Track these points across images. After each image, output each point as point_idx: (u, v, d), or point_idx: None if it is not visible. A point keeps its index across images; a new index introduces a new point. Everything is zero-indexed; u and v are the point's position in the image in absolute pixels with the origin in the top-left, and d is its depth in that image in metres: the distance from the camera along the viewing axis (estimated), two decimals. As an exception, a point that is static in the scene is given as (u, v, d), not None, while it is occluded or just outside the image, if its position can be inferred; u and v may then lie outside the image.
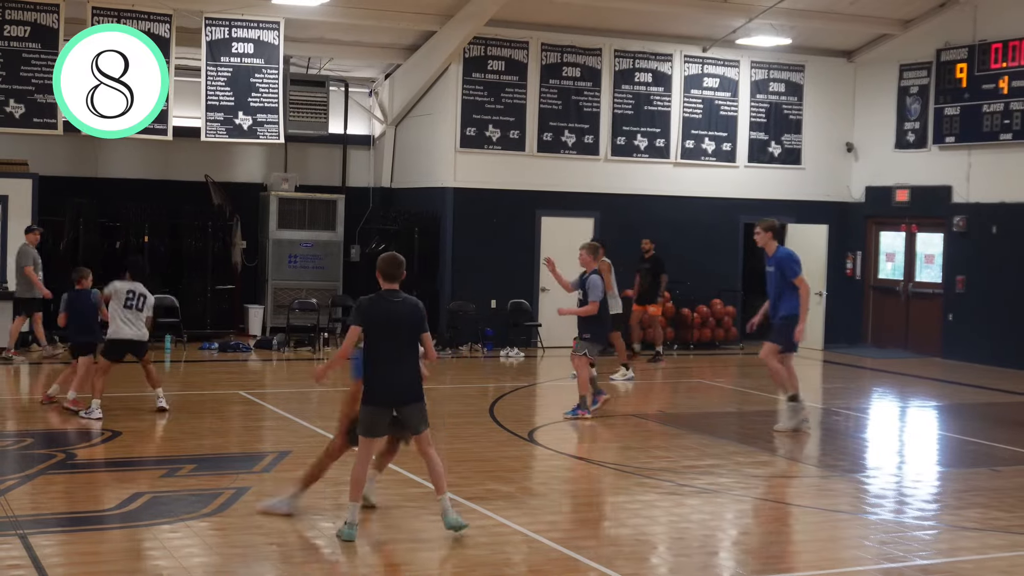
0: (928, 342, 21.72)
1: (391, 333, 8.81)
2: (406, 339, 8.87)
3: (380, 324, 8.80)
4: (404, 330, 8.85)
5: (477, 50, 20.64)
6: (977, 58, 20.76)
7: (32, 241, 17.90)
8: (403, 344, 8.85)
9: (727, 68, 22.37)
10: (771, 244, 13.90)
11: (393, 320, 8.82)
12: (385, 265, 8.96)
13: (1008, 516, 10.11)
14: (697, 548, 9.08)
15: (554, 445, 12.77)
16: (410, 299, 8.99)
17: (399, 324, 8.83)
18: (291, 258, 20.96)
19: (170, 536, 8.76)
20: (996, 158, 20.50)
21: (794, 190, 22.94)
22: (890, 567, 8.57)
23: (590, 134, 21.44)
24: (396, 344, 8.82)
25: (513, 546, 8.92)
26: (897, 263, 22.74)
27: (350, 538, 8.68)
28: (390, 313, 8.82)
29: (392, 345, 8.80)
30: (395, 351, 8.81)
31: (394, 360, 8.81)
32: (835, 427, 15.02)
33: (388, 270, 8.94)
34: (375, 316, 8.80)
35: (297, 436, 12.84)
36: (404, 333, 8.85)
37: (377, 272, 8.99)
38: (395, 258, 9.04)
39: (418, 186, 21.68)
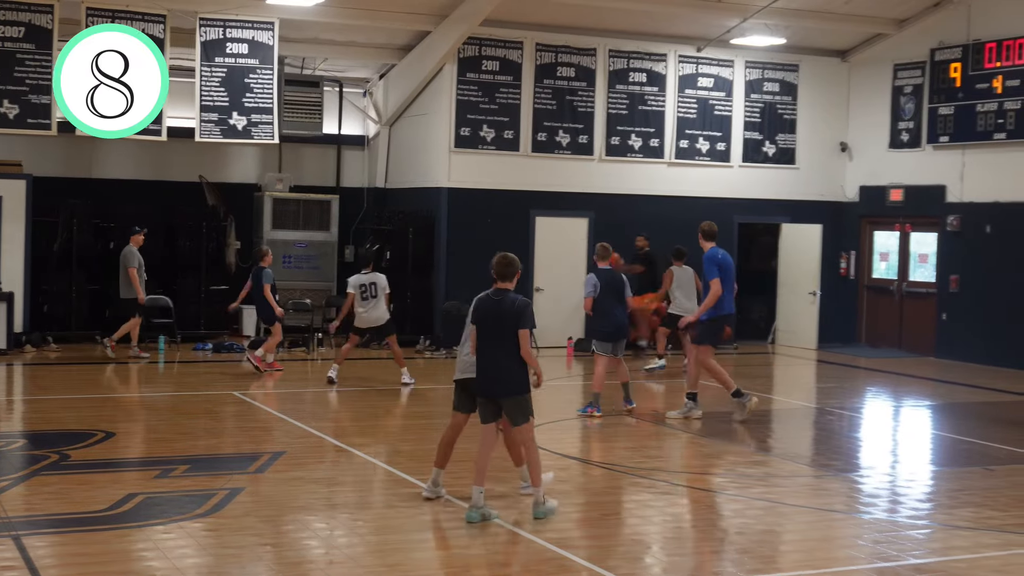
0: (922, 341, 21.74)
1: (490, 329, 9.44)
2: (507, 335, 9.40)
3: (482, 320, 9.48)
4: (506, 326, 9.41)
5: (471, 50, 20.64)
6: (971, 57, 20.79)
7: (136, 243, 18.48)
8: (504, 339, 9.40)
9: (721, 68, 22.38)
10: (704, 246, 14.49)
11: (493, 316, 9.43)
12: (497, 265, 9.59)
13: (1002, 515, 10.12)
14: (691, 548, 9.09)
15: (548, 445, 12.75)
16: (512, 297, 9.55)
17: (501, 321, 9.40)
18: (285, 258, 20.94)
19: (163, 537, 8.75)
20: (990, 158, 20.52)
21: (788, 190, 22.95)
22: (884, 566, 8.58)
23: (584, 134, 21.45)
24: (498, 340, 9.41)
25: (507, 546, 8.92)
26: (891, 262, 22.76)
27: (471, 519, 9.25)
28: (491, 310, 9.45)
29: (494, 341, 9.44)
30: (497, 346, 9.41)
31: (494, 354, 9.42)
32: (829, 426, 15.04)
33: (500, 270, 9.56)
34: (482, 313, 9.50)
35: (291, 437, 12.84)
36: (506, 329, 9.41)
37: (492, 271, 9.60)
38: (506, 258, 9.64)
39: (413, 186, 21.68)
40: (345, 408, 15.18)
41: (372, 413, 14.70)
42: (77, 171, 20.88)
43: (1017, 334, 19.93)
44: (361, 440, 12.74)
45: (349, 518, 9.62)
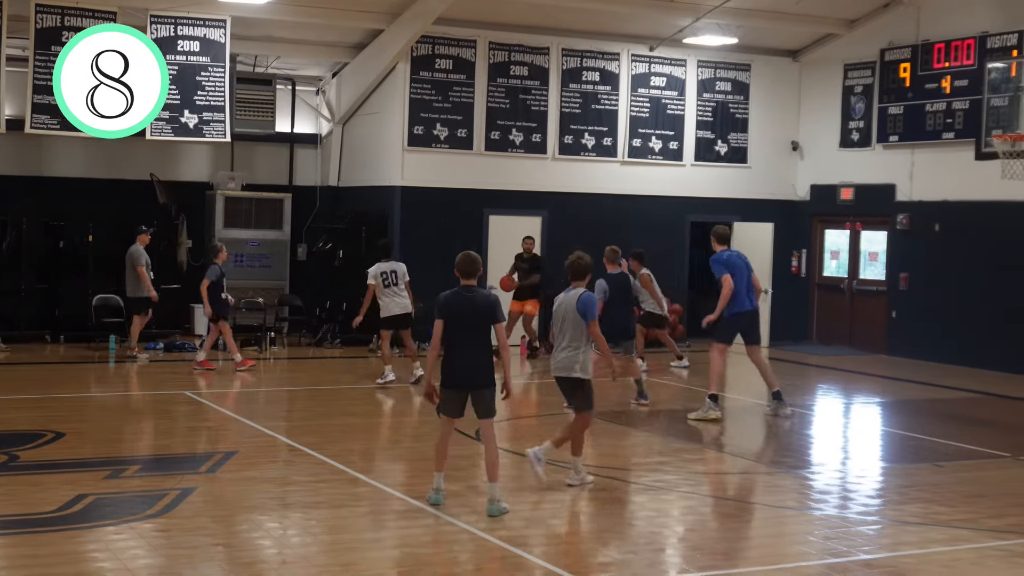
0: (872, 339, 21.93)
1: (466, 324, 9.61)
2: (482, 329, 9.66)
3: (456, 316, 9.61)
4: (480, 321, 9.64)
5: (425, 49, 20.62)
6: (920, 58, 20.99)
7: (143, 242, 18.64)
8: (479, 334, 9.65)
9: (674, 67, 22.47)
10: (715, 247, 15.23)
11: (468, 312, 9.60)
12: (461, 263, 9.77)
13: (950, 511, 10.23)
14: (644, 545, 9.12)
15: (502, 444, 12.75)
16: (484, 292, 9.85)
17: (473, 315, 9.60)
18: (237, 257, 20.82)
19: (115, 538, 8.69)
20: (939, 157, 20.72)
21: (740, 188, 23.09)
22: (834, 562, 8.64)
23: (538, 133, 21.48)
24: (473, 334, 9.63)
25: (460, 544, 8.92)
26: (842, 261, 22.94)
27: (435, 502, 9.63)
28: (465, 306, 9.61)
29: (465, 335, 9.62)
30: (472, 340, 9.64)
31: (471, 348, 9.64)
32: (780, 424, 15.13)
33: (465, 267, 9.75)
34: (456, 309, 9.62)
35: (243, 436, 12.78)
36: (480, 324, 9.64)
37: (455, 270, 9.79)
38: (469, 256, 9.84)
39: (366, 185, 21.63)
40: (296, 408, 15.12)
41: (324, 412, 14.65)
42: (27, 169, 20.66)
43: (966, 331, 20.14)
44: (313, 439, 12.69)
45: (302, 517, 9.59)
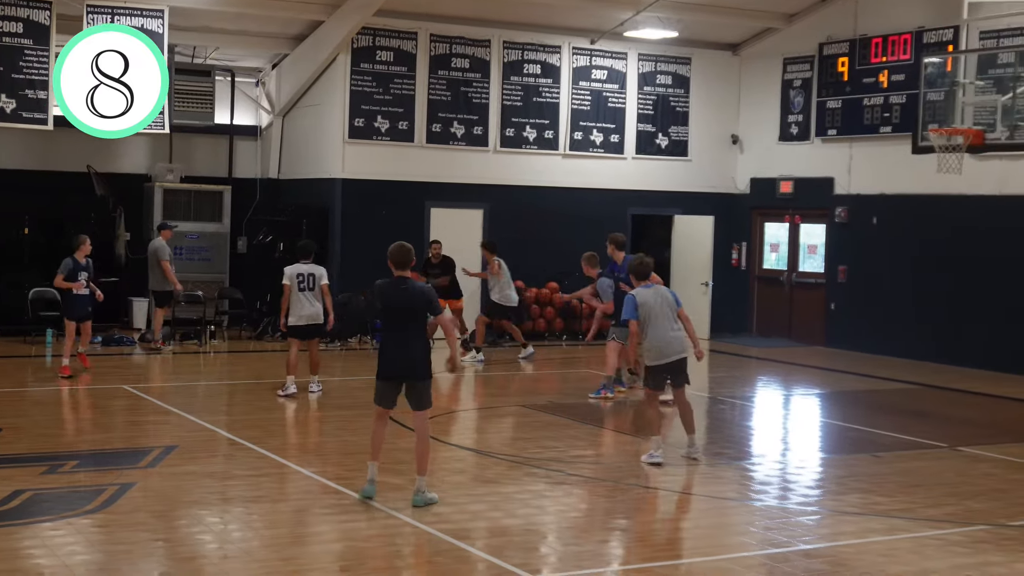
0: (811, 331, 22.12)
1: (400, 316, 9.58)
2: (418, 321, 9.65)
3: (390, 307, 9.61)
4: (415, 313, 9.62)
5: (365, 40, 20.52)
6: (858, 52, 21.18)
7: (166, 237, 18.93)
8: (414, 325, 9.63)
9: (615, 60, 22.53)
10: (619, 254, 15.31)
11: (402, 303, 9.58)
12: (395, 254, 9.72)
13: (888, 500, 10.35)
14: (586, 536, 9.14)
15: (443, 436, 12.76)
16: (417, 284, 9.80)
17: (408, 307, 9.58)
18: (177, 250, 20.63)
19: (52, 534, 8.58)
20: (876, 150, 20.93)
21: (681, 181, 23.19)
22: (775, 552, 8.72)
23: (479, 125, 21.45)
24: (407, 325, 9.60)
25: (403, 538, 8.90)
26: (781, 253, 23.12)
27: (367, 495, 9.63)
28: (399, 297, 9.52)
29: (399, 327, 9.59)
30: (406, 332, 9.59)
31: (405, 339, 9.58)
32: (721, 415, 15.24)
33: (398, 258, 9.70)
34: (387, 299, 9.62)
35: (183, 430, 12.67)
36: (415, 315, 9.62)
37: (389, 261, 9.74)
38: (403, 247, 9.79)
39: (306, 177, 21.51)
40: (237, 402, 15.02)
41: (264, 406, 14.56)
42: (-40, 161, 20.39)
43: (902, 323, 20.36)
44: (254, 433, 12.61)
45: (243, 512, 9.53)
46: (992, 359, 18.51)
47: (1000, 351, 18.59)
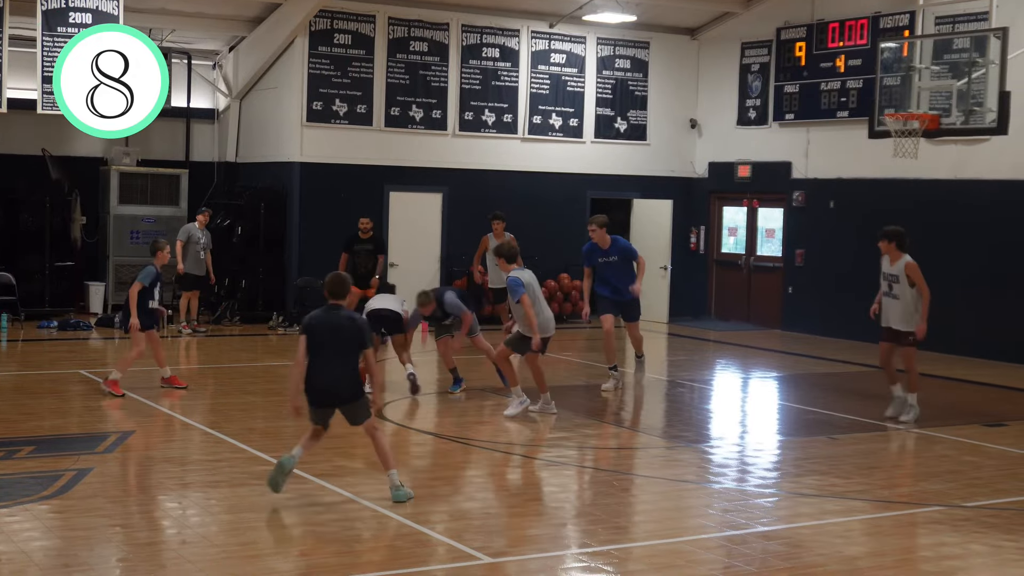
0: (769, 314, 22.25)
1: (328, 345, 9.26)
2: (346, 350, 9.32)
3: (319, 336, 9.28)
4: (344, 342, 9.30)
5: (323, 23, 20.42)
6: (815, 37, 21.28)
7: (201, 223, 19.19)
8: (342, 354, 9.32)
9: (574, 44, 22.53)
10: (606, 238, 14.70)
11: (331, 333, 9.28)
12: (331, 284, 9.47)
13: (844, 482, 10.43)
14: (546, 520, 9.17)
15: (403, 420, 12.76)
16: (348, 314, 9.48)
17: (336, 338, 9.28)
18: (133, 234, 20.52)
19: (8, 520, 8.52)
20: (833, 135, 21.05)
21: (639, 165, 23.24)
22: (733, 534, 8.77)
23: (438, 109, 21.41)
24: (335, 354, 9.28)
25: (363, 522, 8.89)
26: (739, 237, 23.23)
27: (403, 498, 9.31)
28: (328, 327, 9.29)
29: (327, 356, 9.26)
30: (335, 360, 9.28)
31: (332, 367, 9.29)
32: (680, 398, 15.31)
33: (334, 288, 9.45)
34: (316, 328, 9.31)
35: (140, 415, 12.60)
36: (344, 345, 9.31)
37: (324, 290, 9.50)
38: (339, 277, 9.57)
39: (264, 161, 21.40)
40: (195, 386, 14.93)
41: (222, 391, 14.51)
42: (-90, 143, 20.15)
43: (858, 307, 20.44)
44: (212, 418, 12.56)
45: (202, 497, 9.48)
46: (947, 342, 18.67)
47: (956, 334, 18.75)
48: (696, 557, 8.26)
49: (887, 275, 13.10)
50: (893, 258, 13.01)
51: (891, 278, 13.03)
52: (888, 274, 13.08)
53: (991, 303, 18.67)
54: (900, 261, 12.94)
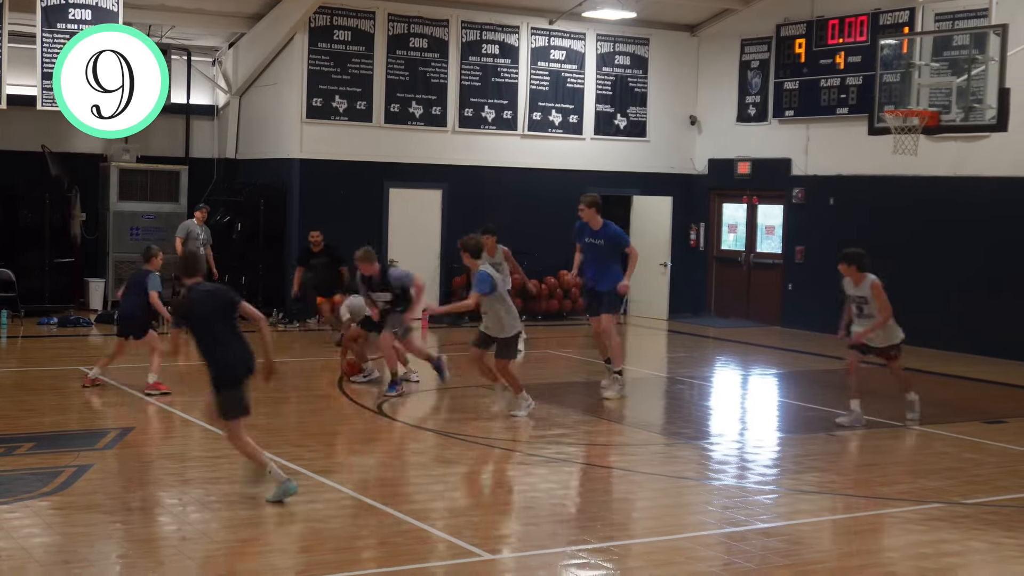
0: (769, 311, 22.24)
1: (218, 319, 9.05)
2: (219, 326, 9.08)
3: (204, 315, 9.04)
4: (218, 317, 9.07)
5: (323, 19, 20.42)
6: (815, 34, 21.27)
7: (199, 219, 19.26)
8: (219, 330, 9.08)
9: (573, 41, 22.52)
10: (596, 219, 14.10)
11: (211, 307, 9.07)
12: (184, 263, 9.42)
13: (844, 479, 10.44)
14: (545, 517, 9.17)
15: (403, 417, 12.77)
16: (209, 287, 9.30)
17: (218, 308, 9.08)
18: (133, 230, 20.52)
19: (8, 516, 8.52)
20: (833, 132, 21.04)
21: (639, 162, 23.23)
22: (733, 531, 8.78)
23: (438, 105, 21.40)
24: (213, 331, 9.04)
25: (362, 518, 8.89)
26: (739, 234, 23.22)
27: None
28: (208, 302, 9.09)
29: (221, 330, 9.04)
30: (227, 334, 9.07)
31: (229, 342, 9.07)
32: (679, 395, 15.31)
33: (187, 268, 9.33)
34: (198, 309, 9.05)
35: (140, 412, 12.61)
36: (218, 321, 9.07)
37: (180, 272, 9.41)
38: (193, 256, 9.51)
39: (264, 157, 21.40)
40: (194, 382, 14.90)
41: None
42: (-90, 139, 20.15)
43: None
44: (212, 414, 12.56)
45: (202, 493, 9.48)
46: (946, 339, 18.67)
47: (954, 331, 18.76)
48: (696, 554, 8.26)
49: (854, 298, 12.83)
50: (856, 280, 12.76)
51: (859, 300, 12.80)
52: (855, 296, 12.82)
53: (990, 300, 18.65)
54: (865, 282, 12.72)
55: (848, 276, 12.89)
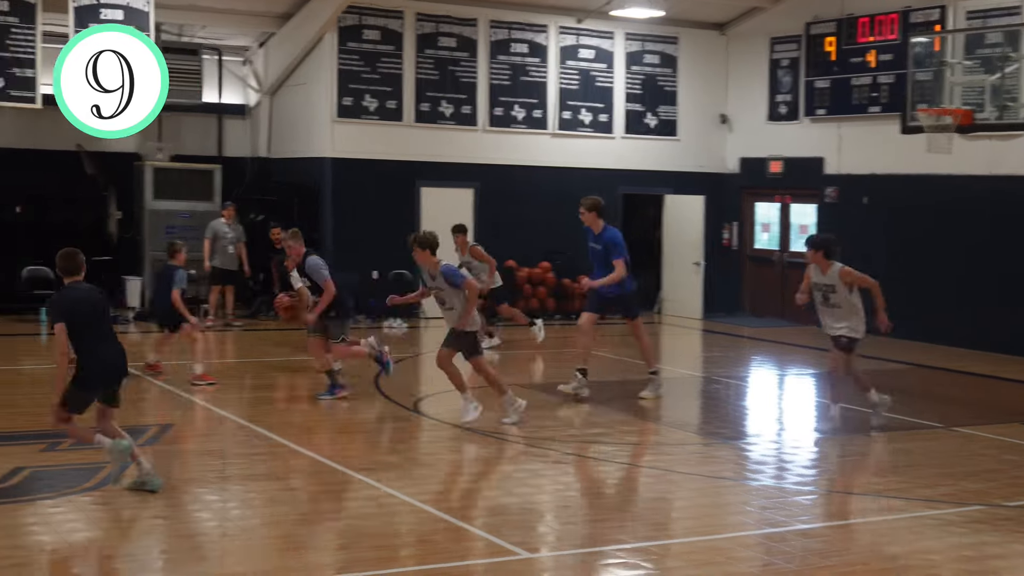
0: (804, 311, 22.07)
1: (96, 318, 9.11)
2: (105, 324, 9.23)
3: (83, 315, 9.00)
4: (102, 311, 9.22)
5: (352, 19, 20.47)
6: (845, 32, 21.19)
7: (227, 217, 19.62)
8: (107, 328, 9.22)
9: (602, 39, 22.50)
10: (597, 223, 13.93)
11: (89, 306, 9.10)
12: (61, 260, 9.30)
13: (883, 481, 10.41)
14: (583, 516, 9.18)
15: (439, 415, 12.78)
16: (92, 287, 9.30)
17: (95, 307, 9.14)
18: (169, 229, 20.57)
19: (52, 511, 8.59)
20: (865, 130, 20.95)
21: (670, 161, 23.19)
22: (772, 532, 8.75)
23: (467, 104, 21.42)
24: (101, 330, 9.13)
25: (401, 516, 8.91)
26: (772, 233, 23.15)
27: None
28: (86, 301, 9.10)
29: (97, 332, 9.06)
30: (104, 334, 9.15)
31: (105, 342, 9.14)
32: (716, 395, 15.29)
33: (65, 265, 9.27)
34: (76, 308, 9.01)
35: (179, 409, 12.67)
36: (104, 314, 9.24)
37: (58, 270, 9.31)
38: (69, 251, 9.35)
39: (296, 156, 21.46)
40: (232, 380, 14.99)
41: (260, 385, 14.56)
42: (-48, 140, 20.29)
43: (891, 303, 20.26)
44: (250, 412, 12.61)
45: (242, 490, 9.53)
46: (983, 339, 18.57)
47: (991, 331, 18.65)
48: (735, 554, 8.24)
49: (820, 285, 12.47)
50: (823, 268, 12.40)
51: (826, 288, 12.44)
52: (822, 284, 12.46)
53: (1025, 300, 18.54)
54: (832, 270, 12.34)
55: (814, 263, 12.44)
